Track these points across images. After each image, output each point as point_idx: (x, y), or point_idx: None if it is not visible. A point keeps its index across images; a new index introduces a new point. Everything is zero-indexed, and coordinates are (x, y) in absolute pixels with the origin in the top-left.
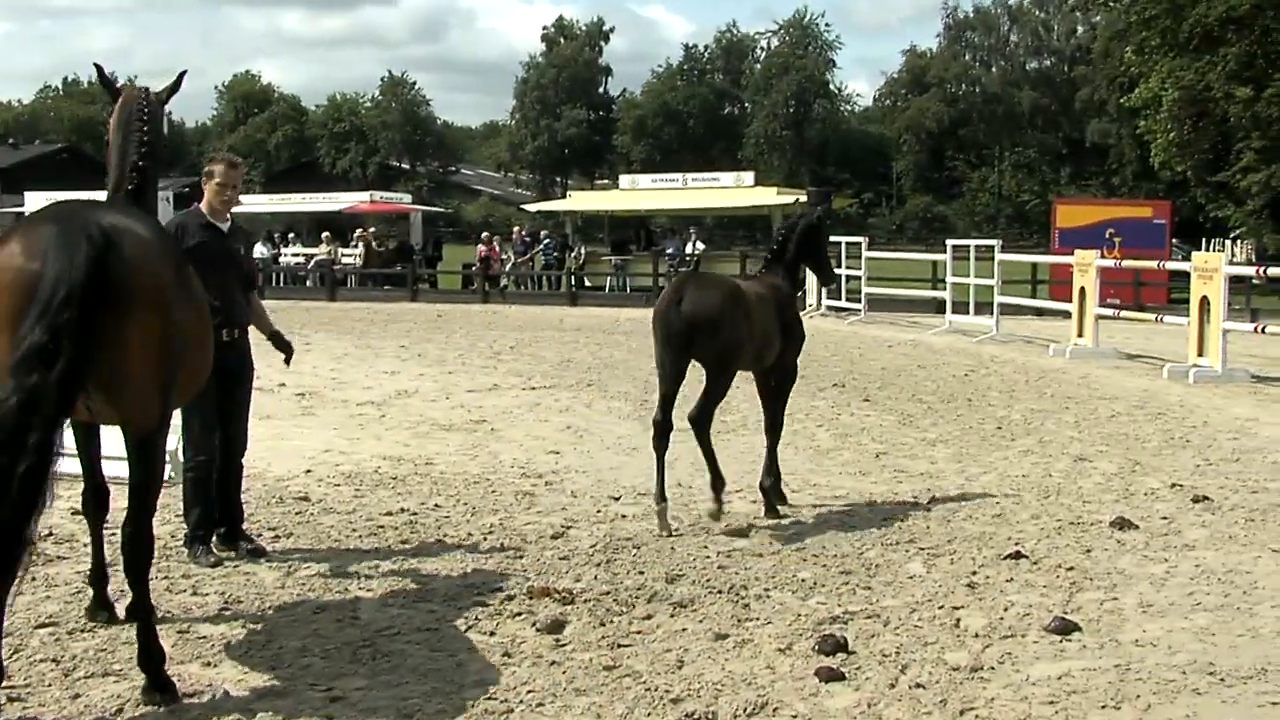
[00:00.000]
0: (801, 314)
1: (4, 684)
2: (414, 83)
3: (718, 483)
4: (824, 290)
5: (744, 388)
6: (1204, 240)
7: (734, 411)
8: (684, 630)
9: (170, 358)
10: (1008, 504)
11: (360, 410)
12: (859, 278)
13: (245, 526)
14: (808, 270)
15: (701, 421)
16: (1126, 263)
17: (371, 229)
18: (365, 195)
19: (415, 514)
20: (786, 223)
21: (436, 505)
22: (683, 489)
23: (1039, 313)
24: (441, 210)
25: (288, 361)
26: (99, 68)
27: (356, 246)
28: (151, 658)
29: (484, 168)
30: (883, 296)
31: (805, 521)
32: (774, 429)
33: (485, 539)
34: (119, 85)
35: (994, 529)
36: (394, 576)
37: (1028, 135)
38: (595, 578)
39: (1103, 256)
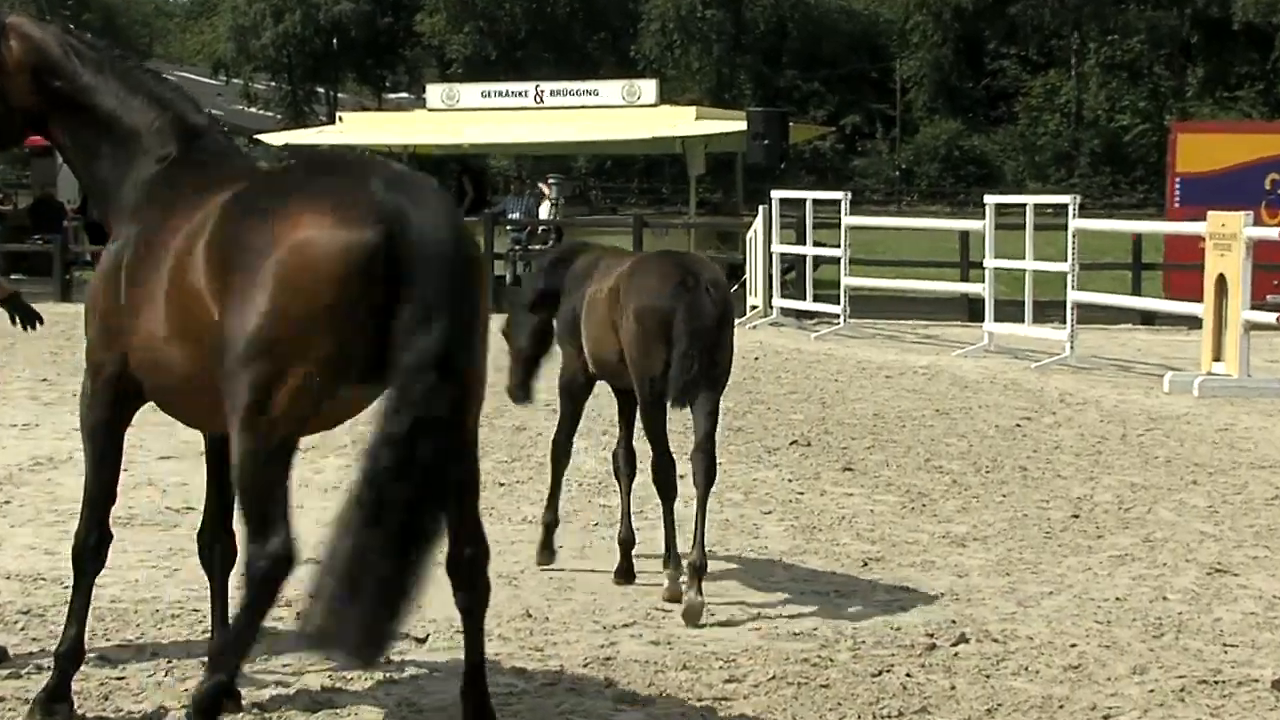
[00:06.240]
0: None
1: None
2: None
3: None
4: (777, 283)
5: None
6: None
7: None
8: None
9: None
10: (1091, 648)
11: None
12: (836, 261)
13: None
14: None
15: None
16: None
17: None
18: None
19: None
20: None
21: None
22: (534, 619)
23: (1146, 319)
24: None
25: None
26: None
27: None
28: None
29: (192, 69)
30: (877, 293)
31: (740, 675)
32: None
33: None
34: None
35: (1068, 691)
36: None
37: (1129, 14)
38: None
39: (1261, 222)
